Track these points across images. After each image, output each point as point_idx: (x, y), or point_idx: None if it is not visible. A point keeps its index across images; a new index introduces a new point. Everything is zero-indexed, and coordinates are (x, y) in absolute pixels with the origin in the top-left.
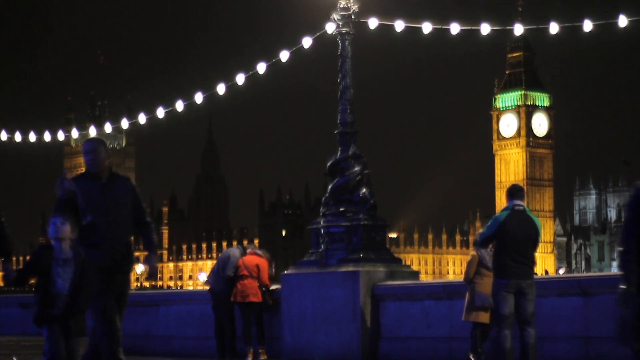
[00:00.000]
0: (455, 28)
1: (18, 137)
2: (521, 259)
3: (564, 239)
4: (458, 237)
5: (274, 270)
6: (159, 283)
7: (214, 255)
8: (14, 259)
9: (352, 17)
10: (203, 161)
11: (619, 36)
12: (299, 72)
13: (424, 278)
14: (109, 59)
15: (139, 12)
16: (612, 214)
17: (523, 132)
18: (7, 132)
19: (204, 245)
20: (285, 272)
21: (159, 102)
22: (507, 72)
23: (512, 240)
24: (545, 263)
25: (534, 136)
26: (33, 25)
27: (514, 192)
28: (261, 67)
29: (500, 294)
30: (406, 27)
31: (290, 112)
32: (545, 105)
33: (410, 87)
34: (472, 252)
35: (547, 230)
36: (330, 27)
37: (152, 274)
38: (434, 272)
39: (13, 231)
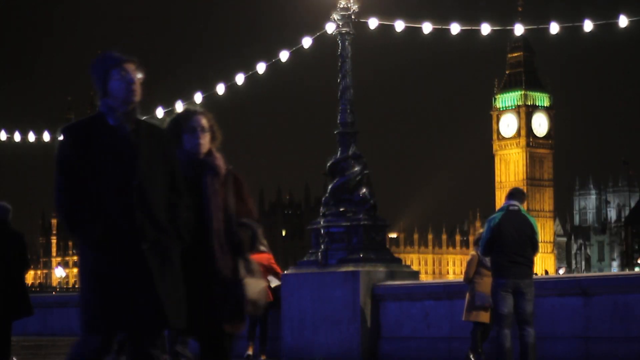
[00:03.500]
0: (455, 28)
1: (17, 137)
2: (519, 259)
3: (564, 239)
4: (458, 237)
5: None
6: None
7: None
8: None
9: (352, 17)
10: None
11: (619, 36)
12: (299, 72)
13: (424, 278)
14: None
15: (139, 13)
16: (612, 214)
17: (523, 132)
18: (7, 132)
19: None
20: (285, 272)
21: (158, 102)
22: (507, 72)
23: (508, 240)
24: (545, 263)
25: (534, 136)
26: (33, 25)
27: (514, 193)
28: (261, 67)
29: (498, 293)
30: (406, 27)
31: (290, 112)
32: (545, 105)
33: (410, 87)
34: (471, 252)
35: (547, 230)
36: (330, 27)
37: None
38: (434, 272)
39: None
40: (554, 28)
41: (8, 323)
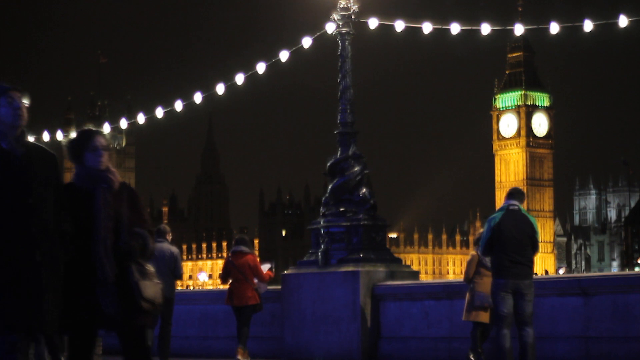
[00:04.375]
0: (455, 28)
1: None
2: (519, 259)
3: (564, 239)
4: (458, 237)
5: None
6: None
7: (214, 255)
8: None
9: (352, 17)
10: (203, 161)
11: (619, 36)
12: (299, 72)
13: (424, 278)
14: (109, 59)
15: (139, 12)
16: (612, 214)
17: (523, 132)
18: None
19: (204, 245)
20: (285, 272)
21: (158, 102)
22: (507, 72)
23: (508, 240)
24: (545, 263)
25: (534, 136)
26: (33, 25)
27: (513, 193)
28: (261, 67)
29: (498, 294)
30: (406, 27)
31: (290, 112)
32: (545, 105)
33: (410, 87)
34: (472, 251)
35: (547, 230)
36: (330, 27)
37: None
38: (434, 272)
39: None
40: (554, 28)
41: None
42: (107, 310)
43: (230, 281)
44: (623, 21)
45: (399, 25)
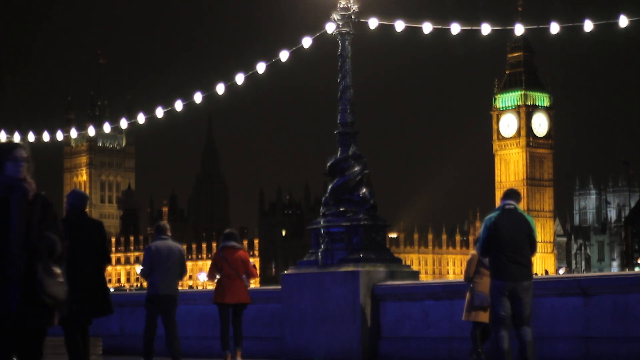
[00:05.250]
0: (455, 28)
1: (17, 137)
2: (517, 259)
3: (564, 239)
4: (458, 237)
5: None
6: None
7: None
8: None
9: (352, 17)
10: (203, 161)
11: (619, 36)
12: (299, 72)
13: (424, 278)
14: (109, 59)
15: (138, 12)
16: (612, 214)
17: (523, 132)
18: (7, 132)
19: (204, 245)
20: (285, 272)
21: (158, 102)
22: (507, 72)
23: (505, 239)
24: (545, 263)
25: (534, 136)
26: (33, 25)
27: (509, 193)
28: (261, 67)
29: (496, 296)
30: (406, 27)
31: (290, 112)
32: (545, 105)
33: (410, 87)
34: (472, 251)
35: (547, 230)
36: (330, 27)
37: None
38: (434, 272)
39: None
40: (554, 28)
41: (87, 321)
42: (8, 308)
43: (219, 277)
44: (623, 21)
45: (399, 25)
